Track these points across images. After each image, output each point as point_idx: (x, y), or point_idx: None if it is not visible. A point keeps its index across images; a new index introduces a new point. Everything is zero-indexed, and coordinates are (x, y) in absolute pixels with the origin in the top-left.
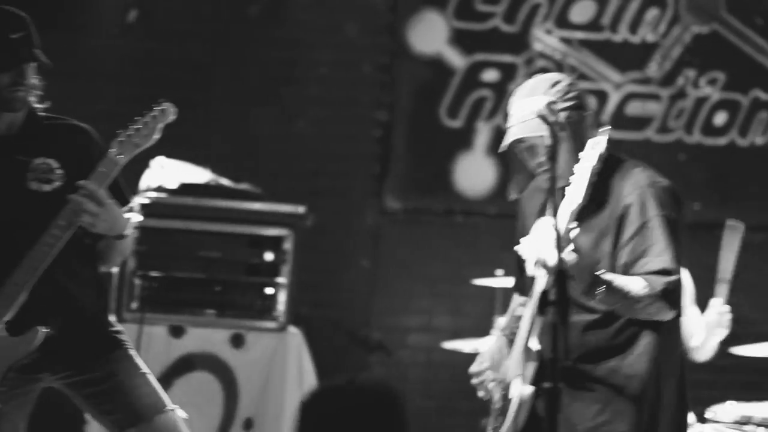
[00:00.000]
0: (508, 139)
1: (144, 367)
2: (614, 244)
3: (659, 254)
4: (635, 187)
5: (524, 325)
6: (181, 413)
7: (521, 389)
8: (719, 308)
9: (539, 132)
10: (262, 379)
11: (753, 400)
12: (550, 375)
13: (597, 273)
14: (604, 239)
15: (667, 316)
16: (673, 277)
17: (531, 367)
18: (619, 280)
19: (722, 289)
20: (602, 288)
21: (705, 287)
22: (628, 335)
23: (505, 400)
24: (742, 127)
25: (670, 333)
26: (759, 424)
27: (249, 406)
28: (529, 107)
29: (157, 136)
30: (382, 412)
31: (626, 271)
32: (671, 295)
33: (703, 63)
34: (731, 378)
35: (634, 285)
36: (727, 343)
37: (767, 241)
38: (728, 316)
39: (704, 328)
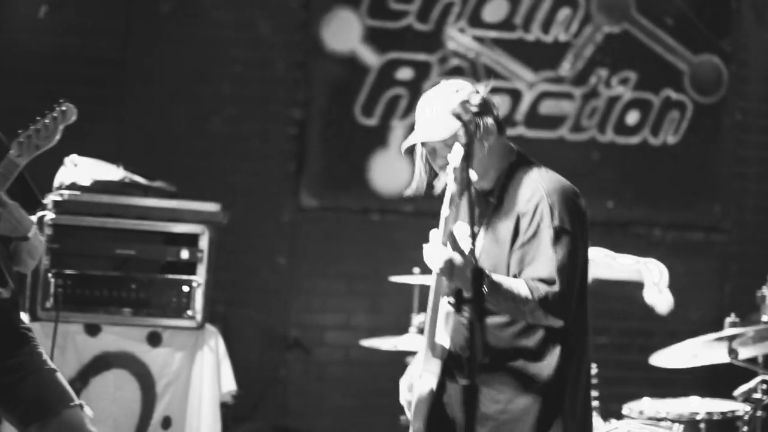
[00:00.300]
0: (410, 141)
1: (51, 364)
2: (509, 248)
3: (543, 264)
4: (533, 194)
5: (429, 323)
6: (88, 410)
7: (421, 389)
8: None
9: (442, 136)
10: (180, 377)
11: (668, 397)
12: (467, 372)
13: (483, 272)
14: (501, 244)
15: (554, 323)
16: (553, 288)
17: (436, 364)
18: (506, 281)
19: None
20: (486, 286)
21: (618, 283)
22: (535, 340)
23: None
24: (654, 126)
25: (577, 343)
26: (674, 420)
27: (167, 405)
28: (434, 111)
29: (58, 136)
30: None
31: (516, 276)
32: (550, 304)
33: (615, 62)
34: (646, 375)
35: (520, 288)
36: (641, 340)
37: (679, 239)
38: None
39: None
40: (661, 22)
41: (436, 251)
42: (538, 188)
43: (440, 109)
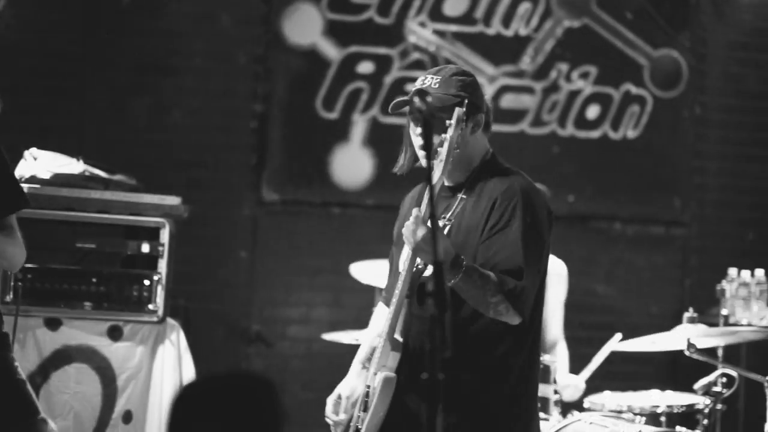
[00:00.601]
0: (407, 97)
1: (21, 374)
2: (479, 238)
3: (514, 256)
4: (509, 188)
5: (390, 316)
6: (52, 425)
7: (381, 375)
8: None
9: (441, 101)
10: (141, 371)
11: (629, 390)
12: (429, 366)
13: (459, 256)
14: (472, 234)
15: (512, 319)
16: (522, 281)
17: (394, 358)
18: (478, 269)
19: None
20: (461, 271)
21: (579, 278)
22: (490, 336)
23: (368, 396)
24: (614, 120)
25: (533, 343)
26: (635, 413)
27: (128, 399)
28: (437, 81)
29: None
30: (258, 404)
31: (482, 266)
32: (516, 299)
33: (575, 57)
34: (608, 368)
35: (490, 278)
36: (602, 334)
37: (639, 233)
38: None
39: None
40: (621, 16)
41: (416, 227)
42: (513, 184)
43: (444, 82)
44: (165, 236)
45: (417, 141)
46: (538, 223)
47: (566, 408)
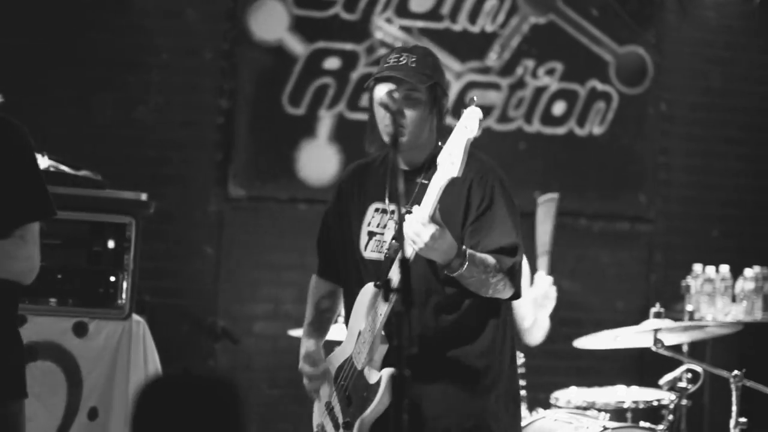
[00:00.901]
0: (382, 73)
1: None
2: (462, 222)
3: (506, 234)
4: (481, 168)
5: (379, 312)
6: None
7: (387, 371)
8: (543, 281)
9: (419, 80)
10: (106, 368)
11: (594, 386)
12: (396, 362)
13: (461, 247)
14: (451, 219)
15: (508, 294)
16: (517, 256)
17: (381, 352)
18: (478, 255)
19: (543, 262)
20: (466, 261)
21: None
22: (477, 317)
23: (348, 390)
24: (580, 116)
25: (507, 316)
26: (600, 409)
27: (93, 396)
28: (412, 60)
29: None
30: (220, 403)
31: (473, 248)
32: (516, 274)
33: (541, 53)
34: (572, 364)
35: (489, 260)
36: (568, 330)
37: (605, 229)
38: (553, 288)
39: (532, 305)
40: (587, 13)
41: (421, 227)
42: (483, 164)
43: (420, 62)
44: (131, 232)
45: (383, 125)
46: (513, 200)
47: (532, 404)
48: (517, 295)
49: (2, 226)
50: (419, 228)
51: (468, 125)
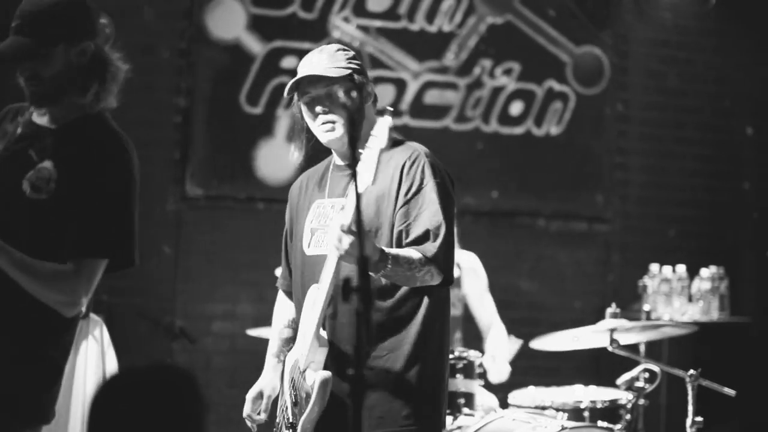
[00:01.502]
0: (304, 73)
1: None
2: (394, 205)
3: (434, 215)
4: (412, 154)
5: (315, 313)
6: None
7: (320, 374)
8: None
9: (339, 73)
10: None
11: (552, 386)
12: (354, 361)
13: (383, 249)
14: (384, 203)
15: (436, 281)
16: (440, 240)
17: (322, 354)
18: (402, 252)
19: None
20: (389, 262)
21: (503, 273)
22: (409, 307)
23: (295, 388)
24: (537, 116)
25: (441, 302)
26: (558, 409)
27: None
28: (326, 56)
29: None
30: (179, 396)
31: (400, 233)
32: (441, 259)
33: (499, 53)
34: (530, 363)
35: (412, 254)
36: (526, 329)
37: (562, 229)
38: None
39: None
40: (544, 13)
41: (341, 234)
42: (415, 149)
43: (333, 56)
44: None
45: (317, 125)
46: (446, 183)
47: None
48: (447, 280)
49: (62, 252)
50: (339, 235)
51: (379, 134)
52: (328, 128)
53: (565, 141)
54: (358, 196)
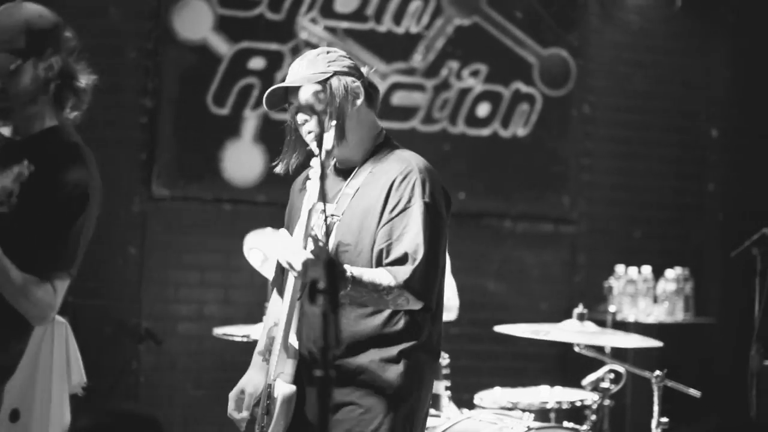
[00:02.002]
0: (282, 84)
1: None
2: (378, 222)
3: (413, 238)
4: (405, 168)
5: (283, 321)
6: None
7: (284, 389)
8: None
9: (314, 79)
10: (28, 369)
11: (519, 386)
12: (321, 363)
13: (345, 270)
14: (369, 217)
15: (415, 306)
16: (416, 265)
17: (291, 365)
18: (367, 274)
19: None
20: (348, 284)
21: (470, 274)
22: (402, 325)
23: (270, 398)
24: (504, 118)
25: (433, 325)
26: (524, 410)
27: (15, 397)
28: (305, 65)
29: None
30: None
31: (381, 252)
32: (415, 284)
33: (466, 55)
34: (497, 364)
35: (382, 277)
36: (492, 331)
37: (529, 230)
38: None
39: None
40: (511, 15)
41: (293, 253)
42: (410, 163)
43: (313, 62)
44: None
45: (304, 135)
46: (437, 203)
47: (457, 405)
48: (426, 307)
49: (27, 266)
50: (291, 255)
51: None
52: (312, 138)
53: (531, 143)
54: (309, 213)
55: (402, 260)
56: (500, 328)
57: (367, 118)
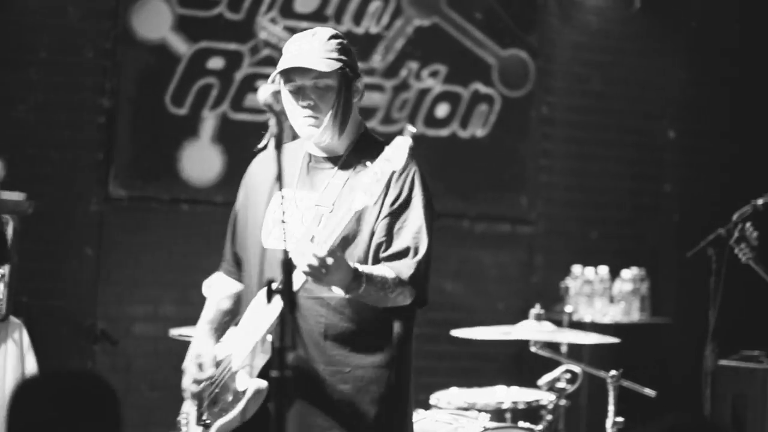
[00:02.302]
0: (287, 64)
1: None
2: (377, 214)
3: (416, 233)
4: (401, 161)
5: (268, 316)
6: None
7: (255, 383)
8: None
9: (329, 66)
10: None
11: (475, 386)
12: (277, 364)
13: (357, 269)
14: (368, 209)
15: (407, 302)
16: (418, 259)
17: (262, 359)
18: (376, 271)
19: None
20: (363, 283)
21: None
22: (380, 321)
23: (218, 387)
24: (463, 119)
25: (411, 320)
26: (480, 410)
27: None
28: (316, 44)
29: None
30: (97, 403)
31: (380, 244)
32: (417, 280)
33: (425, 55)
34: (454, 364)
35: (386, 273)
36: (449, 331)
37: (487, 231)
38: None
39: None
40: (471, 16)
41: (314, 259)
42: (403, 156)
43: (325, 45)
44: (9, 232)
45: (299, 116)
46: (431, 198)
47: (413, 405)
48: (420, 302)
49: None
50: (312, 260)
51: (394, 156)
52: (312, 123)
53: (490, 143)
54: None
55: (402, 254)
56: (457, 332)
57: (355, 113)
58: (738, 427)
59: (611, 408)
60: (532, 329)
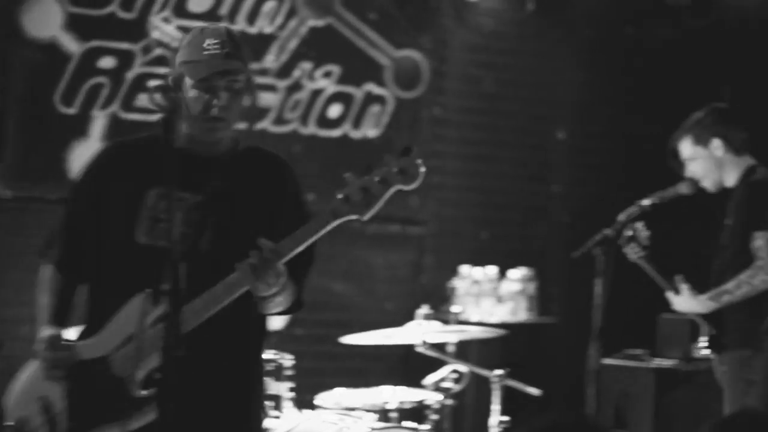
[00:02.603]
0: (215, 67)
1: None
2: (268, 211)
3: (305, 229)
4: (280, 164)
5: (151, 318)
6: None
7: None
8: None
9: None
10: None
11: (361, 387)
12: (163, 367)
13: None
14: (254, 207)
15: (285, 306)
16: (313, 260)
17: (152, 362)
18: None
19: None
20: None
21: (317, 276)
22: (253, 320)
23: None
24: (355, 119)
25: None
26: (366, 410)
27: None
28: (233, 47)
29: None
30: None
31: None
32: (303, 283)
33: (319, 56)
34: (339, 365)
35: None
36: (336, 331)
37: (377, 231)
38: None
39: None
40: (365, 17)
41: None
42: (282, 160)
43: (236, 47)
44: None
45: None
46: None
47: (299, 406)
48: (297, 305)
49: None
50: (262, 260)
51: (408, 175)
52: (221, 126)
53: (382, 144)
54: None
55: (300, 261)
56: (346, 339)
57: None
58: (621, 425)
59: (496, 407)
60: (419, 330)
